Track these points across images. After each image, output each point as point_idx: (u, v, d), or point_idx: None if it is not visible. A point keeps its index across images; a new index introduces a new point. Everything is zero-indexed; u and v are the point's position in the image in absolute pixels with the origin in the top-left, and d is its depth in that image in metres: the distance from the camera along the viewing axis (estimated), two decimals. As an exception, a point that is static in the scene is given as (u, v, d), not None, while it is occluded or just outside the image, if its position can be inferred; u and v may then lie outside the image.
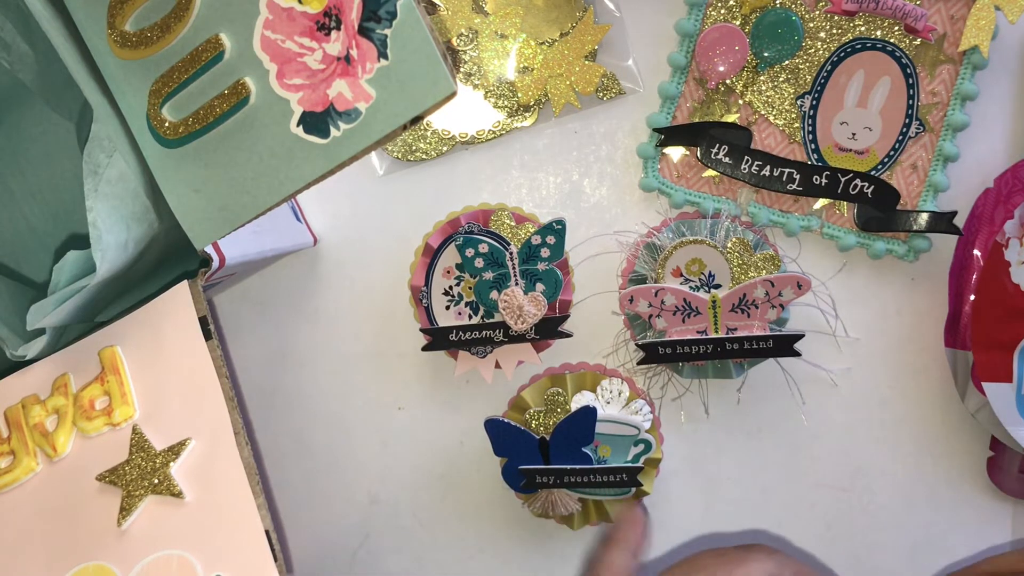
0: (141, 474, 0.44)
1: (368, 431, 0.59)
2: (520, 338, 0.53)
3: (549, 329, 0.53)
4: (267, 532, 0.42)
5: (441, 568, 0.59)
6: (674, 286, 0.51)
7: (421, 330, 0.54)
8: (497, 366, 0.55)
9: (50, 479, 0.47)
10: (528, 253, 0.52)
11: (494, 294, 0.52)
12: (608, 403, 0.52)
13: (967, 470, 0.54)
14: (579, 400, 0.52)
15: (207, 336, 0.44)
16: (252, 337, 0.59)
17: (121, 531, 0.44)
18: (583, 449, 0.51)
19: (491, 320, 0.53)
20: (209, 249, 0.44)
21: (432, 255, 0.54)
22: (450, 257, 0.53)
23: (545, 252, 0.52)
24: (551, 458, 0.52)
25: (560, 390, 0.52)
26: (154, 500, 0.44)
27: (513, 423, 0.52)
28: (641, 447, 0.52)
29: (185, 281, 0.45)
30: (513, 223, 0.53)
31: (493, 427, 0.52)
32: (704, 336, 0.51)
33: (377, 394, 0.58)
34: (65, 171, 0.56)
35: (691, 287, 0.51)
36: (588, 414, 0.51)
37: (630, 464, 0.52)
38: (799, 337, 0.50)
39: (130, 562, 0.44)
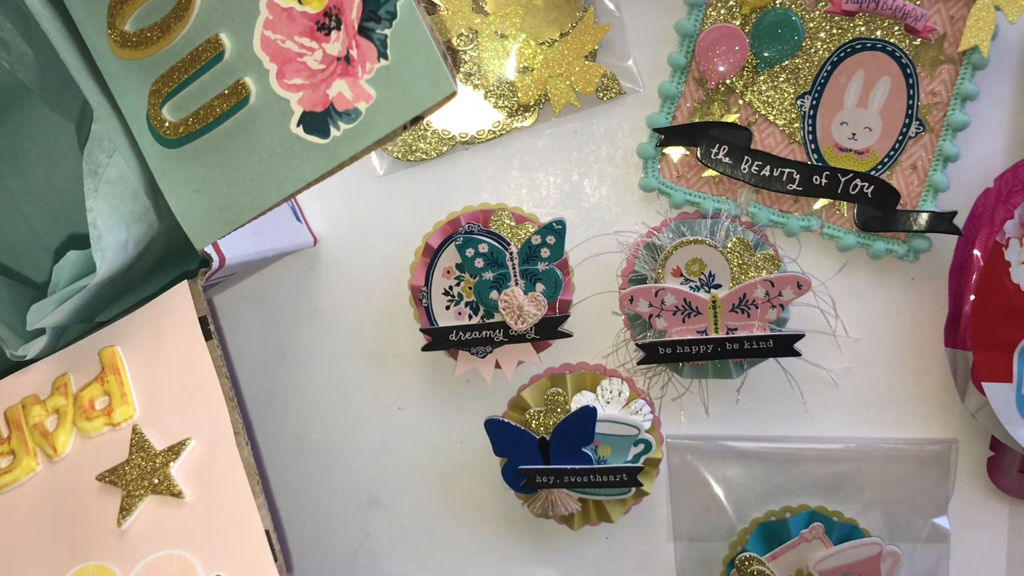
0: (141, 474, 0.44)
1: (368, 431, 0.59)
2: (520, 338, 0.53)
3: (549, 329, 0.53)
4: (267, 532, 0.42)
5: (441, 568, 0.59)
6: (674, 286, 0.51)
7: (421, 330, 0.54)
8: (497, 366, 0.55)
9: (50, 479, 0.46)
10: (528, 253, 0.52)
11: (494, 294, 0.52)
12: (608, 403, 0.52)
13: (967, 470, 0.54)
14: (579, 400, 0.52)
15: (207, 336, 0.44)
16: (252, 337, 0.59)
17: (121, 531, 0.44)
18: (583, 449, 0.51)
19: (491, 320, 0.53)
20: (209, 249, 0.44)
21: (432, 255, 0.54)
22: (450, 257, 0.53)
23: (545, 252, 0.52)
24: (551, 458, 0.52)
25: (560, 390, 0.52)
26: (154, 500, 0.44)
27: (513, 423, 0.52)
28: (641, 447, 0.52)
29: (185, 281, 0.45)
30: (513, 223, 0.53)
31: (493, 427, 0.52)
32: (704, 336, 0.51)
33: (377, 394, 0.58)
34: (65, 171, 0.56)
35: (691, 287, 0.51)
36: (588, 414, 0.51)
37: (630, 464, 0.52)
38: (799, 337, 0.50)
39: (130, 562, 0.44)
